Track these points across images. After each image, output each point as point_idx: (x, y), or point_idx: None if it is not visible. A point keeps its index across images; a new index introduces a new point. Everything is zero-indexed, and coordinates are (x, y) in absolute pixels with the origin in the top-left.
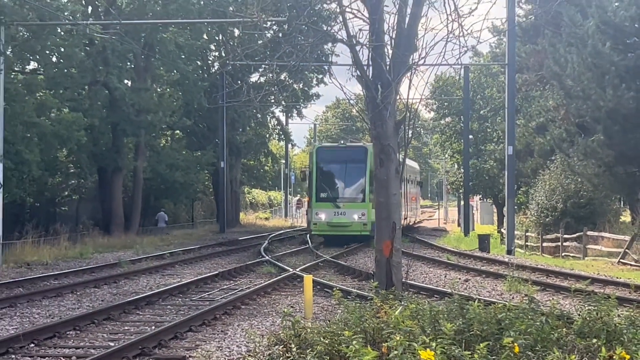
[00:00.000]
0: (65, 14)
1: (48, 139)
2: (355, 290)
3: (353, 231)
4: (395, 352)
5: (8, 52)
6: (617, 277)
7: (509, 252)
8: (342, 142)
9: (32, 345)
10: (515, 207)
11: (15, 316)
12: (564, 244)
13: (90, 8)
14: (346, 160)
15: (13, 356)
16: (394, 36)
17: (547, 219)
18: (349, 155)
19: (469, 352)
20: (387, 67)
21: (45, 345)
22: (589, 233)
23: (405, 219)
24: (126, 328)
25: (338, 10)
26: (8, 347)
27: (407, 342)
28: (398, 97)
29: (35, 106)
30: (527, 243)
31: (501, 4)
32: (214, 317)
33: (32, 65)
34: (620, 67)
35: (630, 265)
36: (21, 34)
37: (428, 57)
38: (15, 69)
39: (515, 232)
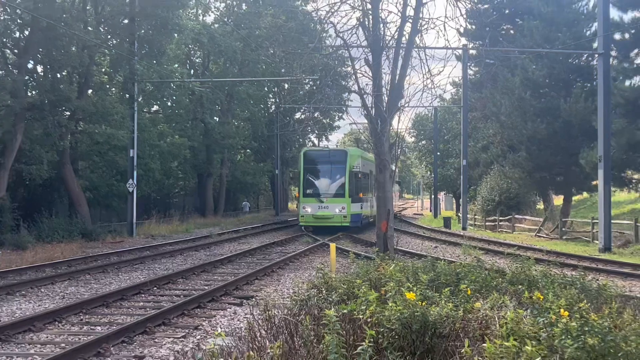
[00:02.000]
0: (176, 74)
1: (165, 155)
2: (363, 253)
3: (335, 222)
4: (390, 293)
5: (139, 100)
6: (535, 245)
7: (464, 228)
8: (326, 146)
9: (155, 288)
10: (467, 199)
11: (144, 270)
12: (500, 223)
13: (192, 71)
14: (329, 162)
15: (142, 295)
16: (388, 88)
17: (489, 207)
18: (331, 158)
19: (438, 294)
20: (384, 108)
21: (163, 288)
22: (516, 216)
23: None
24: (215, 277)
25: (352, 72)
26: (139, 289)
27: (397, 287)
28: (391, 128)
29: (157, 134)
30: (475, 223)
31: (459, 67)
32: (271, 270)
33: (155, 107)
34: (536, 108)
35: (543, 237)
36: (148, 87)
37: (411, 102)
38: (144, 110)
39: (467, 216)
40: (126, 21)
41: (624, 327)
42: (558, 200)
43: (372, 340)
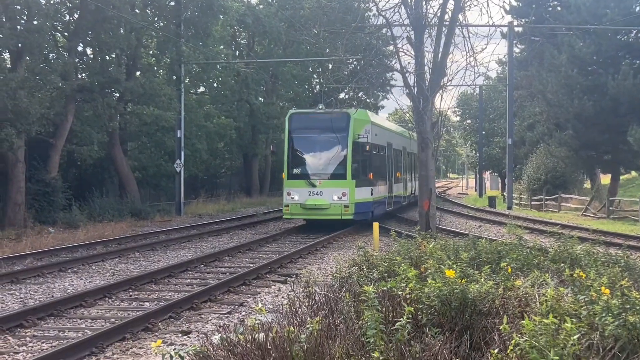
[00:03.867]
0: (222, 56)
1: (211, 136)
2: (405, 232)
3: (331, 215)
4: (430, 271)
5: (186, 81)
6: (581, 224)
7: (509, 207)
8: (320, 106)
9: (202, 265)
10: (513, 178)
11: (191, 248)
12: (546, 202)
13: (237, 52)
14: (325, 129)
15: (190, 272)
16: (430, 66)
17: (534, 186)
18: (328, 123)
19: (478, 272)
20: (426, 87)
21: (210, 266)
22: (563, 195)
23: (413, 193)
24: (260, 255)
25: (395, 50)
26: (187, 267)
27: (437, 265)
28: (433, 107)
29: (203, 115)
30: (521, 202)
31: (503, 44)
32: (315, 249)
33: (201, 88)
34: (583, 85)
35: (590, 216)
36: (194, 69)
37: (453, 80)
38: (191, 91)
39: (513, 195)
40: (172, 3)
41: None
42: (605, 179)
43: (410, 316)
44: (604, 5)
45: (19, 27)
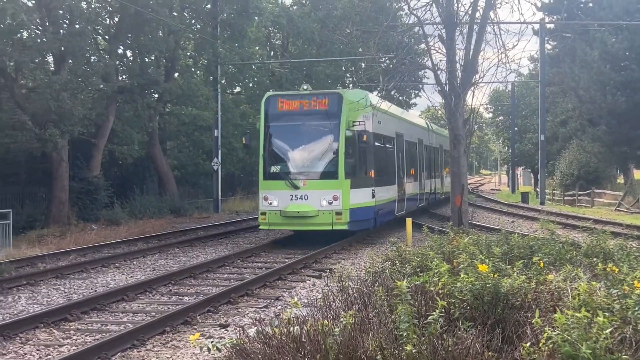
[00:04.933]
0: (257, 56)
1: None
2: (438, 228)
3: (319, 225)
4: (462, 266)
5: (223, 81)
6: (614, 219)
7: (542, 203)
8: (305, 86)
9: (239, 261)
10: (546, 174)
11: (228, 243)
12: (579, 197)
13: (272, 52)
14: (311, 115)
15: (227, 267)
16: (462, 64)
17: (567, 182)
18: (314, 107)
19: (510, 266)
20: (458, 84)
21: (246, 261)
22: (596, 190)
23: (432, 192)
24: (295, 250)
25: (426, 48)
26: (224, 262)
27: (470, 260)
28: (465, 104)
29: (239, 114)
30: (553, 197)
31: (534, 41)
32: (349, 245)
33: (237, 89)
34: (616, 81)
35: (623, 211)
36: (230, 69)
37: (485, 77)
38: (227, 91)
39: (546, 191)
40: (209, 6)
41: None
42: (639, 175)
43: (443, 310)
44: (636, 1)
45: (61, 31)
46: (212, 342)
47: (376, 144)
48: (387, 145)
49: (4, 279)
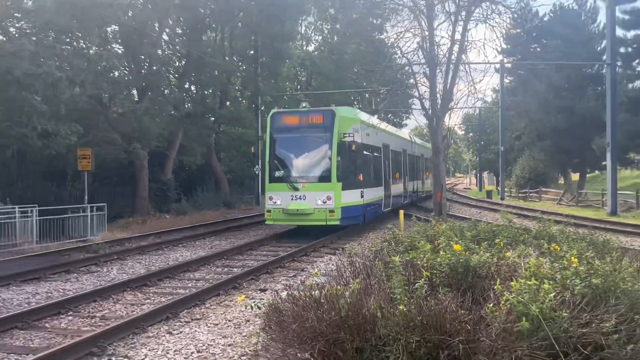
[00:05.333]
0: (288, 90)
1: None
2: (423, 217)
3: (315, 220)
4: (441, 245)
5: (262, 108)
6: (556, 211)
7: (502, 198)
8: (304, 104)
9: (274, 241)
10: (505, 176)
11: (266, 229)
12: (530, 194)
13: (299, 86)
14: (308, 128)
15: (266, 247)
16: (441, 94)
17: (521, 182)
18: (311, 122)
19: (478, 246)
20: (438, 109)
21: (280, 242)
22: (543, 189)
23: (415, 192)
24: (317, 234)
25: (414, 82)
26: (263, 242)
27: (447, 241)
28: (443, 124)
29: None
30: (511, 194)
31: (496, 77)
32: (357, 230)
33: None
34: (558, 106)
35: (564, 205)
36: (268, 99)
37: (458, 104)
38: (265, 115)
39: (505, 189)
40: (252, 52)
41: (622, 270)
42: (575, 177)
43: (427, 279)
44: (573, 47)
45: (143, 71)
46: (254, 302)
47: (364, 152)
48: (375, 154)
49: (100, 255)
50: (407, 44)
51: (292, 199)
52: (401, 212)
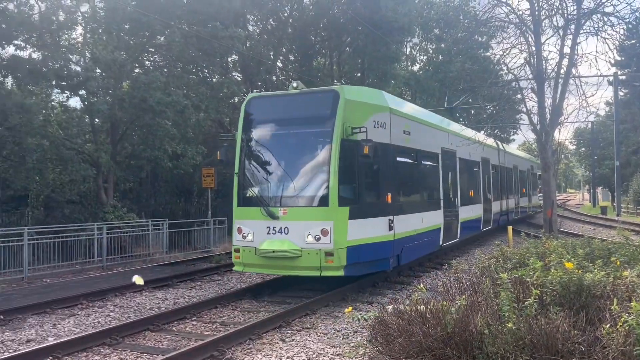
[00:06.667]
0: None
1: None
2: (533, 233)
3: (303, 269)
4: (552, 263)
5: None
6: None
7: (618, 215)
8: (294, 84)
9: None
10: (621, 192)
11: None
12: None
13: None
14: (298, 122)
15: None
16: (550, 109)
17: (639, 198)
18: (303, 111)
19: (592, 264)
20: (547, 124)
21: None
22: None
23: (504, 212)
24: None
25: (521, 98)
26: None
27: (559, 259)
28: (553, 139)
29: None
30: (627, 211)
31: (610, 90)
32: (464, 246)
33: None
34: None
35: None
36: None
37: (569, 118)
38: None
39: (621, 205)
40: (359, 74)
41: None
42: None
43: (537, 297)
44: None
45: None
46: (361, 314)
47: (400, 159)
48: (425, 162)
49: (221, 265)
50: (513, 60)
51: (268, 233)
52: (509, 228)
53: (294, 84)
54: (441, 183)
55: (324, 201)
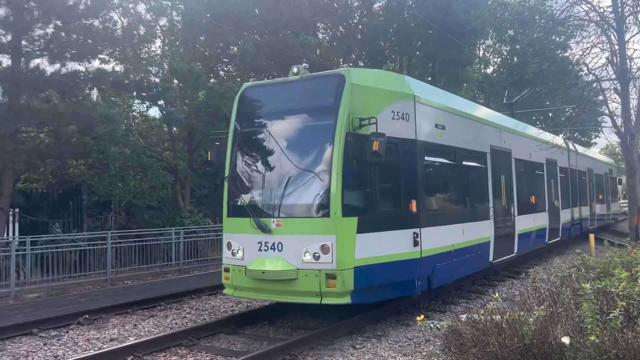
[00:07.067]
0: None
1: None
2: (616, 241)
3: (299, 295)
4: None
5: None
6: None
7: None
8: (295, 69)
9: None
10: None
11: None
12: None
13: None
14: (296, 113)
15: None
16: (636, 109)
17: None
18: (303, 101)
19: None
20: (632, 126)
21: None
22: None
23: (576, 222)
24: None
25: (603, 99)
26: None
27: None
28: (639, 142)
29: None
30: None
31: None
32: (540, 254)
33: None
34: None
35: None
36: None
37: None
38: None
39: None
40: (429, 78)
41: None
42: None
43: (623, 309)
44: None
45: None
46: (432, 323)
47: (431, 158)
48: (466, 163)
49: None
50: (594, 60)
51: (259, 249)
52: (591, 236)
53: (294, 69)
54: (490, 188)
55: (323, 211)
